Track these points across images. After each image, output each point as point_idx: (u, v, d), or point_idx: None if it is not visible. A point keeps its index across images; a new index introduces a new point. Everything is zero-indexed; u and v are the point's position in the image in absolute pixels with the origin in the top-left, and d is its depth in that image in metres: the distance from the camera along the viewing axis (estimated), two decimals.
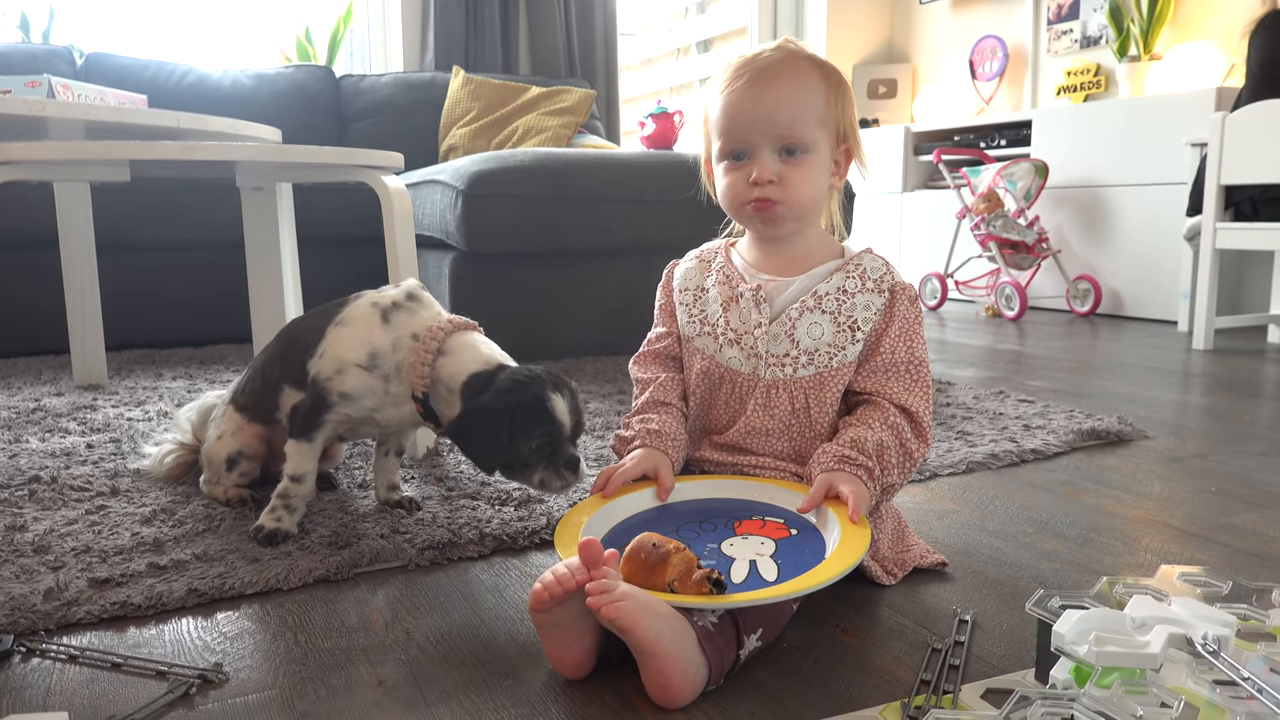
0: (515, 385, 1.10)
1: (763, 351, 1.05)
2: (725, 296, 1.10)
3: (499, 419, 1.08)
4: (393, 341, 1.16)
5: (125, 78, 3.05)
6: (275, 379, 1.26)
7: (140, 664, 0.88)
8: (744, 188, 1.04)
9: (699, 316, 1.12)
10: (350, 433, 1.25)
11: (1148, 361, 2.61)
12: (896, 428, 1.02)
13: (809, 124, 1.03)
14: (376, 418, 1.19)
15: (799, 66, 1.04)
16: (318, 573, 1.07)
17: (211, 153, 1.38)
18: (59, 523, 1.23)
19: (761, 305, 1.06)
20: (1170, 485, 1.43)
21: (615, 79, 4.19)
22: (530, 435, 1.09)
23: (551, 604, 0.79)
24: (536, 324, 2.50)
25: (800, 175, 1.03)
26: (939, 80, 4.78)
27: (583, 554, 0.79)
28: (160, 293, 2.78)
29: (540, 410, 1.09)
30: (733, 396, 1.08)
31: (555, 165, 2.41)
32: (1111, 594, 0.84)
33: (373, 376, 1.16)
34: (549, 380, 1.12)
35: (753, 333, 1.06)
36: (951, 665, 0.85)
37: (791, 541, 0.93)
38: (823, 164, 1.05)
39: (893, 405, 1.03)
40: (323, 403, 1.17)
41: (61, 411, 1.88)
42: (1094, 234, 3.73)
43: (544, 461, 1.10)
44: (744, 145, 1.04)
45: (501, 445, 1.09)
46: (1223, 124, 2.68)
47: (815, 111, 1.03)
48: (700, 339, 1.11)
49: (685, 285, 1.16)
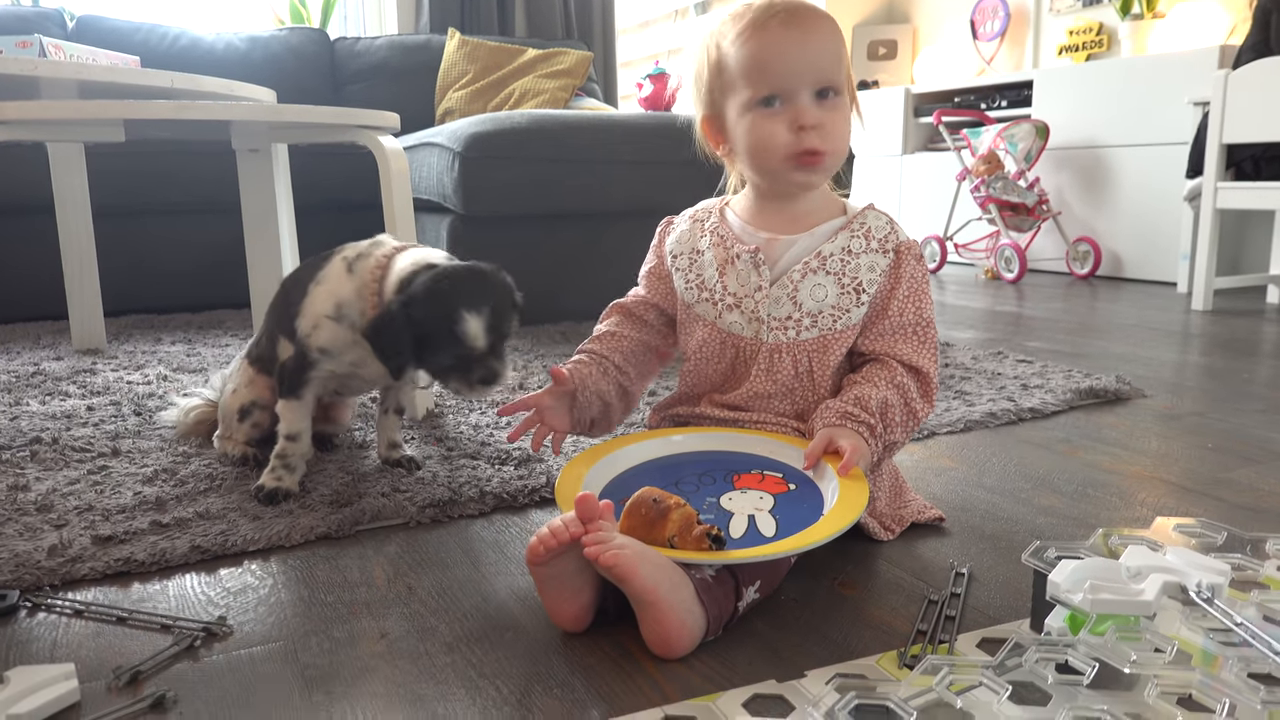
0: (427, 294, 1.09)
1: (764, 315, 1.03)
2: (721, 259, 1.07)
3: (406, 331, 1.08)
4: (356, 289, 1.17)
5: (117, 40, 3.01)
6: (274, 331, 1.27)
7: (145, 618, 0.88)
8: (788, 137, 0.98)
9: (696, 282, 1.09)
10: (343, 388, 1.26)
11: (1147, 322, 2.61)
12: (902, 386, 1.01)
13: (841, 65, 1.00)
14: (360, 372, 1.20)
15: (821, 11, 1.02)
16: (319, 530, 1.08)
17: (206, 112, 1.37)
18: (61, 482, 1.23)
19: (761, 267, 1.04)
20: (1167, 442, 1.44)
21: (613, 41, 4.15)
22: (439, 354, 1.10)
23: (548, 556, 0.80)
24: (535, 287, 2.46)
25: (839, 119, 1.00)
26: (940, 41, 4.73)
27: (579, 509, 0.80)
28: (160, 258, 2.77)
29: (449, 333, 1.08)
30: (737, 361, 1.07)
31: (553, 127, 2.39)
32: (1107, 545, 0.84)
33: (341, 327, 1.17)
34: (467, 291, 1.09)
35: (753, 296, 1.04)
36: (948, 616, 0.86)
37: (790, 497, 0.93)
38: (849, 109, 1.03)
39: (901, 364, 1.02)
40: (305, 359, 1.19)
41: (61, 375, 1.88)
42: (1094, 196, 3.71)
43: (456, 375, 1.11)
44: (781, 90, 0.98)
45: (409, 355, 1.10)
46: (1225, 82, 2.66)
47: (843, 54, 1.01)
48: (700, 305, 1.08)
49: (679, 249, 1.12)
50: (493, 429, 1.48)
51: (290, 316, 1.21)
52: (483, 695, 0.75)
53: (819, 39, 0.99)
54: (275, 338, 1.26)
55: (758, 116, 1.00)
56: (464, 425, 1.51)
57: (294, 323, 1.20)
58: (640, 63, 5.25)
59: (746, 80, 1.00)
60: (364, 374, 1.21)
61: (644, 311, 1.17)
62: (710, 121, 1.08)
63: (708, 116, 1.08)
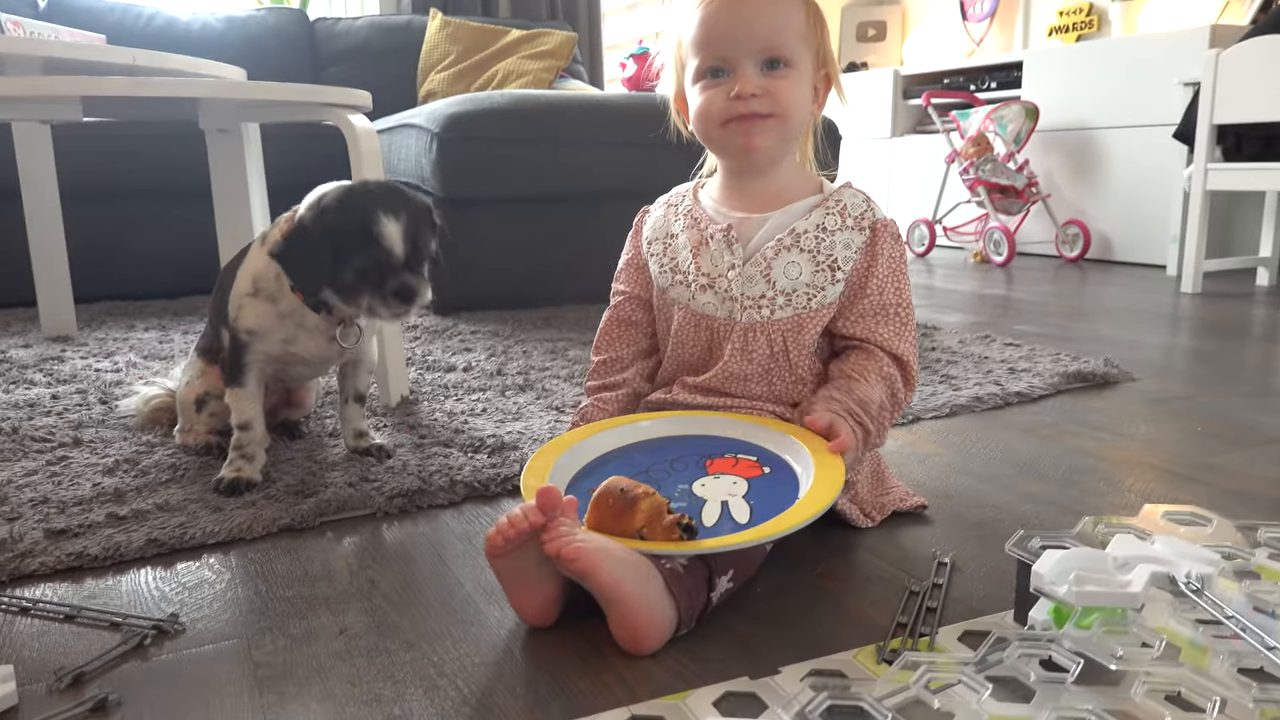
0: (340, 204, 1.06)
1: (737, 294, 1.00)
2: (694, 240, 1.04)
3: (318, 239, 1.04)
4: (267, 260, 1.13)
5: (90, 19, 2.94)
6: (216, 321, 1.25)
7: (94, 615, 0.85)
8: (723, 104, 0.97)
9: (669, 266, 1.06)
10: (283, 374, 1.23)
11: (1136, 305, 2.58)
12: (889, 379, 1.00)
13: (791, 37, 0.97)
14: (293, 350, 1.17)
15: None
16: (282, 521, 1.05)
17: (166, 89, 1.32)
18: (18, 474, 1.19)
19: (734, 246, 1.01)
20: (1156, 426, 1.41)
21: (598, 22, 4.09)
22: (352, 260, 1.05)
23: (507, 548, 0.76)
24: (517, 271, 2.45)
25: (786, 86, 0.97)
26: (929, 22, 4.68)
27: (539, 500, 0.76)
28: (137, 243, 2.70)
29: (365, 234, 1.04)
30: (712, 343, 1.04)
31: (533, 107, 2.34)
32: (1094, 534, 0.81)
33: (260, 300, 1.14)
34: (382, 197, 1.06)
35: (726, 275, 1.01)
36: (929, 608, 0.83)
37: (764, 480, 0.90)
38: (806, 82, 1.00)
39: (885, 353, 1.00)
40: (238, 344, 1.16)
41: (27, 363, 1.83)
42: (1084, 178, 3.67)
43: (371, 288, 1.07)
44: (723, 60, 0.97)
45: (323, 268, 1.05)
46: (1216, 61, 2.62)
47: (797, 26, 0.98)
48: (674, 289, 1.06)
49: (654, 236, 1.10)
50: (467, 416, 1.45)
51: (224, 304, 1.19)
52: (442, 695, 0.72)
53: (761, 7, 0.96)
54: (218, 327, 1.23)
55: (703, 87, 1.00)
56: (438, 412, 1.48)
57: (226, 310, 1.17)
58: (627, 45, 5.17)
59: (694, 51, 0.99)
60: (299, 353, 1.18)
61: (631, 312, 1.13)
62: (679, 98, 1.07)
63: (676, 93, 1.07)
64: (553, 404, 1.51)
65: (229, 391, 1.18)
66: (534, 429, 1.36)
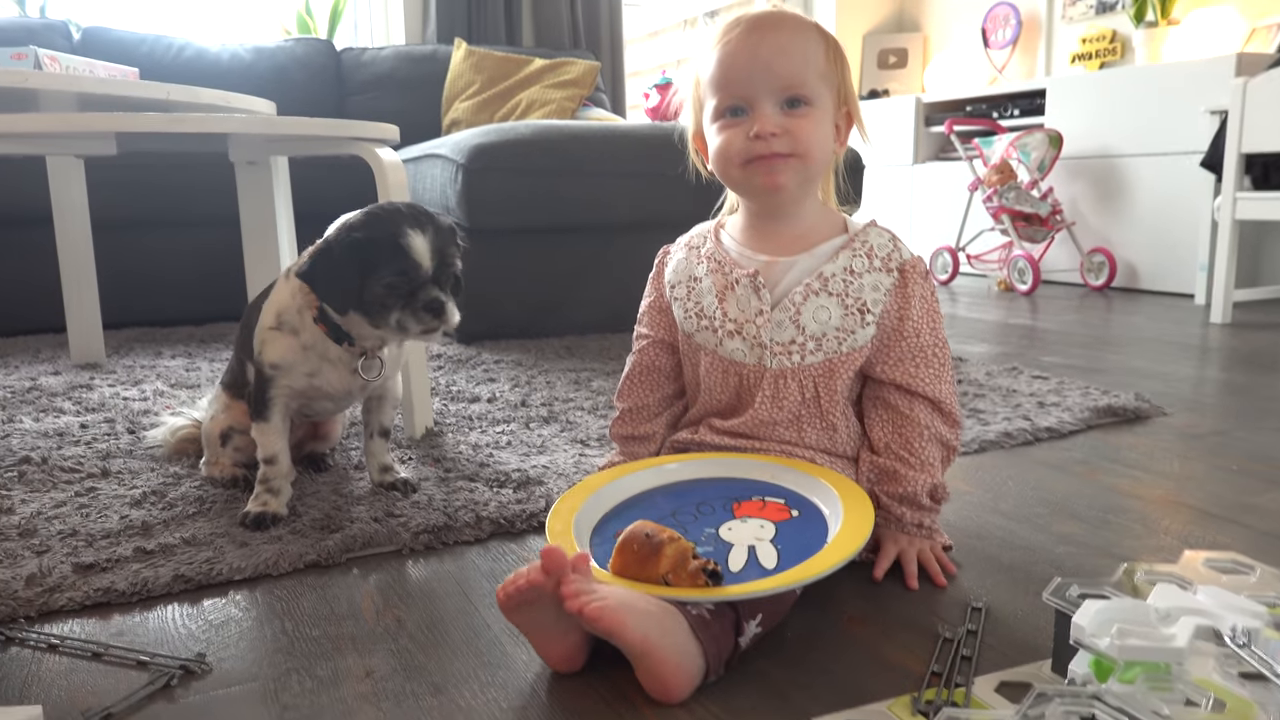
0: (367, 220, 1.07)
1: (767, 340, 0.99)
2: (720, 285, 1.03)
3: (346, 254, 1.05)
4: (290, 292, 1.16)
5: (122, 52, 3.00)
6: (241, 355, 1.26)
7: (121, 653, 0.85)
8: (743, 144, 0.96)
9: (695, 310, 1.05)
10: (308, 409, 1.24)
11: (1164, 336, 2.55)
12: (939, 437, 1.00)
13: (811, 75, 0.96)
14: (317, 383, 1.17)
15: (795, 19, 0.98)
16: (308, 558, 1.04)
17: (199, 124, 1.34)
18: (47, 505, 1.20)
19: (761, 291, 0.99)
20: (1189, 464, 1.39)
21: (621, 51, 4.12)
22: (382, 274, 1.05)
23: (511, 604, 0.76)
24: (539, 300, 2.45)
25: (807, 125, 0.96)
26: (950, 49, 4.68)
27: (544, 561, 0.74)
28: (162, 271, 2.74)
29: (393, 247, 1.05)
30: (741, 389, 1.02)
31: (557, 138, 2.36)
32: (1133, 582, 0.80)
33: (284, 334, 1.15)
34: (408, 215, 1.07)
35: (754, 321, 1.00)
36: (964, 656, 0.82)
37: (792, 524, 0.89)
38: (827, 120, 0.99)
39: (924, 401, 0.99)
40: (263, 378, 1.17)
41: (57, 391, 1.85)
42: (1109, 206, 3.65)
43: (401, 303, 1.07)
44: (742, 99, 0.96)
45: (351, 284, 1.06)
46: (1244, 90, 2.61)
47: (817, 64, 0.97)
48: (700, 334, 1.04)
49: (677, 279, 1.08)
50: (492, 449, 1.45)
51: (249, 339, 1.20)
52: None
53: (781, 45, 0.95)
54: (243, 362, 1.24)
55: (722, 126, 0.98)
56: (463, 445, 1.47)
57: (251, 344, 1.19)
58: (649, 73, 5.22)
59: (713, 90, 0.99)
60: (323, 387, 1.18)
61: (656, 358, 1.12)
62: (697, 137, 1.06)
63: (695, 132, 1.06)
64: (577, 437, 1.50)
65: (255, 426, 1.18)
66: (559, 463, 1.35)
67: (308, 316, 1.15)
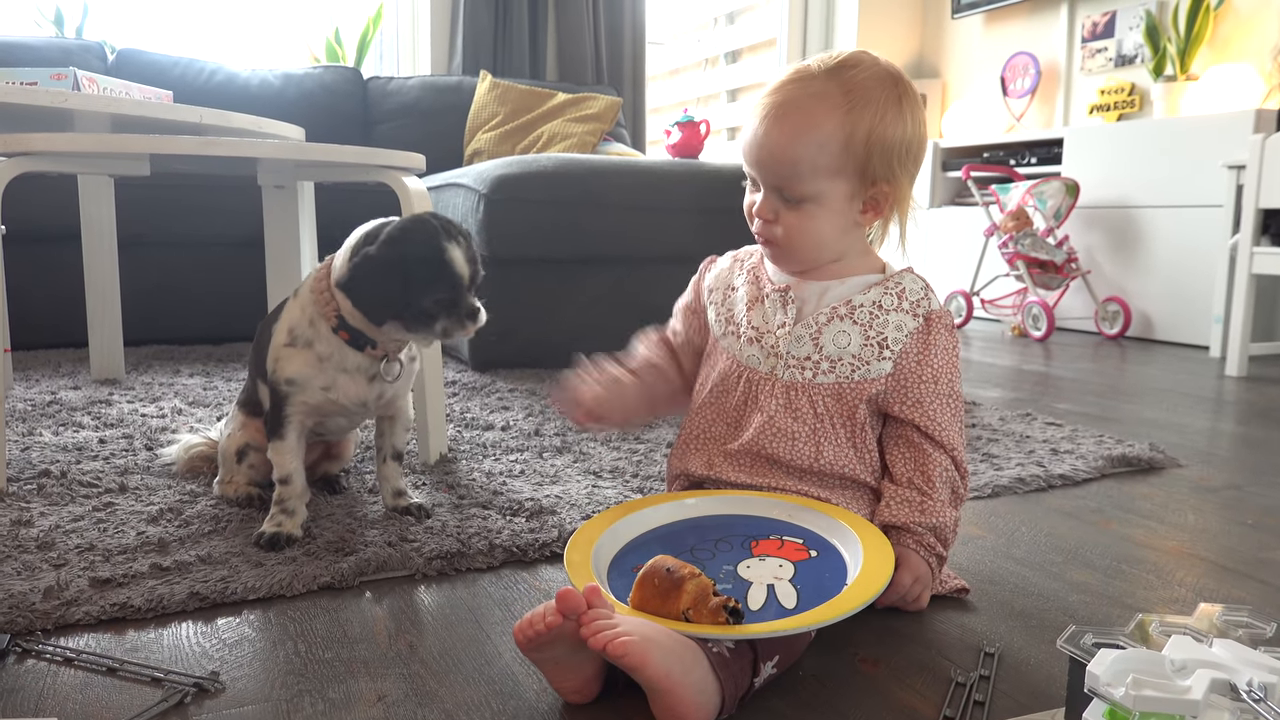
0: (406, 233, 1.10)
1: (783, 351, 1.02)
2: (751, 295, 1.08)
3: (393, 270, 1.08)
4: (300, 307, 1.18)
5: (155, 74, 3.05)
6: (255, 375, 1.27)
7: (136, 669, 0.85)
8: (751, 214, 1.05)
9: (725, 315, 1.10)
10: (323, 427, 1.25)
11: (1179, 387, 2.54)
12: (953, 483, 1.02)
13: (806, 177, 0.97)
14: (333, 397, 1.19)
15: (816, 110, 0.96)
16: (322, 579, 1.05)
17: (231, 148, 1.37)
18: (65, 519, 1.21)
19: (788, 306, 1.04)
20: (1204, 516, 1.38)
21: (643, 87, 4.17)
22: (430, 290, 1.09)
23: (530, 646, 0.77)
24: (557, 330, 2.47)
25: (796, 221, 1.00)
26: (969, 96, 4.73)
27: (559, 604, 0.74)
28: (182, 289, 2.78)
29: (440, 263, 1.09)
30: (748, 395, 1.04)
31: (578, 171, 2.38)
32: (1147, 633, 0.79)
33: (298, 349, 1.17)
34: (443, 228, 1.11)
35: (774, 331, 1.04)
36: (976, 701, 0.81)
37: (811, 564, 0.89)
38: (831, 211, 1.00)
39: (940, 448, 1.01)
40: (279, 395, 1.18)
41: (77, 405, 1.87)
42: (1125, 255, 3.66)
43: (444, 312, 1.11)
44: (753, 177, 1.04)
45: (396, 298, 1.09)
46: (1262, 146, 2.62)
47: (822, 162, 0.96)
48: (726, 338, 1.09)
49: (716, 284, 1.14)
50: (505, 477, 1.45)
51: (261, 360, 1.22)
52: None
53: (784, 143, 0.97)
54: (257, 381, 1.26)
55: (749, 188, 1.06)
56: (477, 472, 1.48)
57: (264, 365, 1.20)
58: (670, 109, 5.28)
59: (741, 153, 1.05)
60: (339, 400, 1.19)
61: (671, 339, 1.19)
62: None
63: None
64: (590, 468, 1.51)
65: (271, 446, 1.19)
66: (572, 494, 1.36)
67: (323, 327, 1.17)
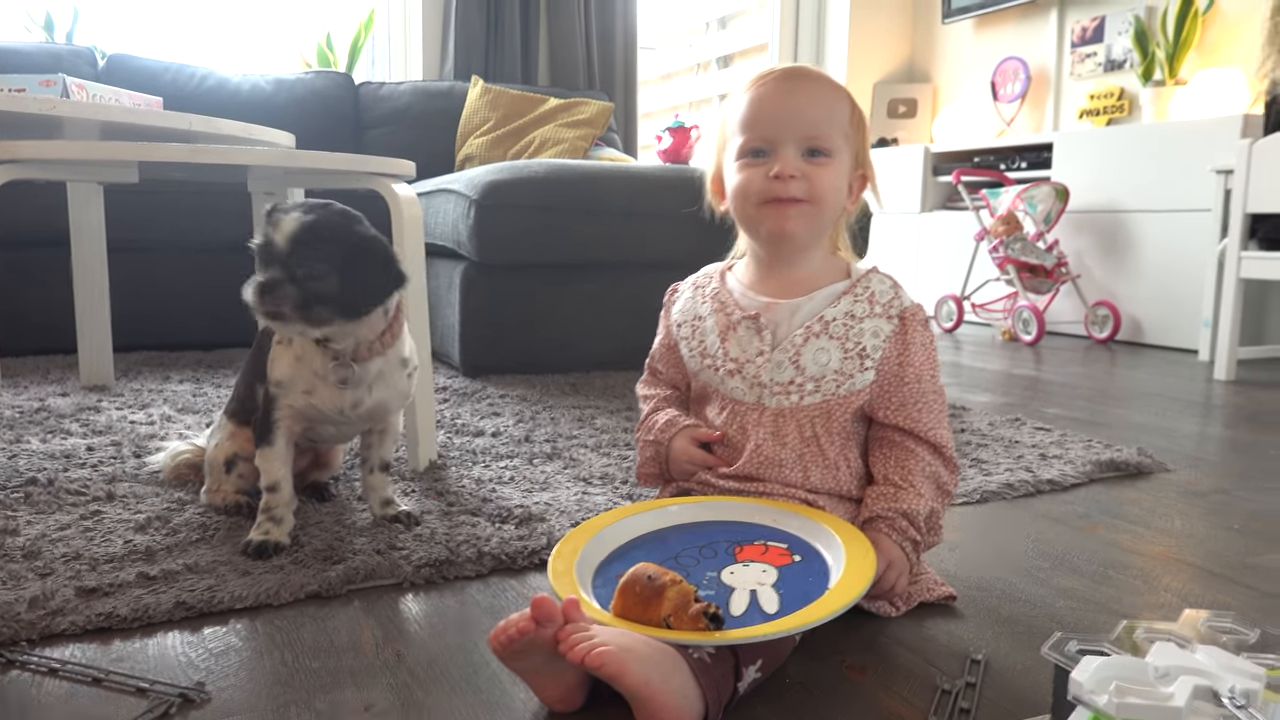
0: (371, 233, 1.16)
1: (766, 380, 1.02)
2: (722, 325, 1.06)
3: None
4: None
5: (146, 79, 3.05)
6: (251, 380, 1.27)
7: (121, 679, 0.85)
8: (762, 183, 1.00)
9: (699, 350, 1.09)
10: (310, 433, 1.25)
11: (1168, 391, 2.56)
12: (935, 476, 1.01)
13: (836, 129, 1.01)
14: (314, 402, 1.18)
15: (828, 78, 1.05)
16: (309, 588, 1.05)
17: (220, 156, 1.36)
18: (52, 527, 1.21)
19: (763, 333, 1.03)
20: (1191, 521, 1.39)
21: (634, 92, 4.18)
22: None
23: (505, 653, 0.77)
24: (547, 335, 2.47)
25: (824, 174, 1.00)
26: (959, 101, 4.75)
27: (534, 611, 0.75)
28: (171, 295, 2.76)
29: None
30: (741, 428, 1.04)
31: (569, 177, 2.39)
32: (1132, 639, 0.80)
33: (285, 347, 1.19)
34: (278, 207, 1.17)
35: (754, 361, 1.03)
36: (962, 709, 0.82)
37: (794, 569, 0.89)
38: (844, 175, 1.03)
39: (925, 442, 1.01)
40: (269, 398, 1.19)
41: (65, 412, 1.86)
42: (1114, 260, 3.67)
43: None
44: (767, 141, 1.01)
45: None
46: (1250, 151, 2.64)
47: (841, 122, 1.02)
48: (704, 373, 1.08)
49: (683, 318, 1.13)
50: (495, 484, 1.45)
51: (262, 362, 1.22)
52: None
53: (811, 96, 1.01)
54: (254, 386, 1.26)
55: (743, 165, 1.02)
56: (466, 479, 1.48)
57: (265, 366, 1.21)
58: (661, 114, 5.30)
59: (740, 129, 1.03)
60: (319, 406, 1.19)
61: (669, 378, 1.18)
62: (715, 179, 1.10)
63: (714, 174, 1.10)
64: (580, 475, 1.51)
65: (259, 452, 1.19)
66: (561, 500, 1.36)
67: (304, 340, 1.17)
